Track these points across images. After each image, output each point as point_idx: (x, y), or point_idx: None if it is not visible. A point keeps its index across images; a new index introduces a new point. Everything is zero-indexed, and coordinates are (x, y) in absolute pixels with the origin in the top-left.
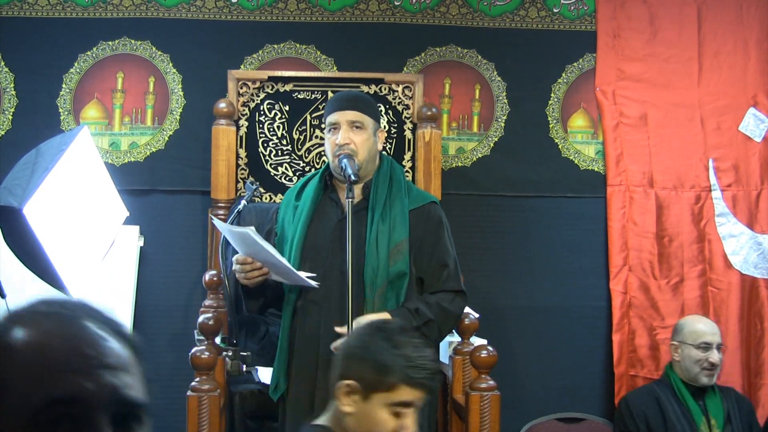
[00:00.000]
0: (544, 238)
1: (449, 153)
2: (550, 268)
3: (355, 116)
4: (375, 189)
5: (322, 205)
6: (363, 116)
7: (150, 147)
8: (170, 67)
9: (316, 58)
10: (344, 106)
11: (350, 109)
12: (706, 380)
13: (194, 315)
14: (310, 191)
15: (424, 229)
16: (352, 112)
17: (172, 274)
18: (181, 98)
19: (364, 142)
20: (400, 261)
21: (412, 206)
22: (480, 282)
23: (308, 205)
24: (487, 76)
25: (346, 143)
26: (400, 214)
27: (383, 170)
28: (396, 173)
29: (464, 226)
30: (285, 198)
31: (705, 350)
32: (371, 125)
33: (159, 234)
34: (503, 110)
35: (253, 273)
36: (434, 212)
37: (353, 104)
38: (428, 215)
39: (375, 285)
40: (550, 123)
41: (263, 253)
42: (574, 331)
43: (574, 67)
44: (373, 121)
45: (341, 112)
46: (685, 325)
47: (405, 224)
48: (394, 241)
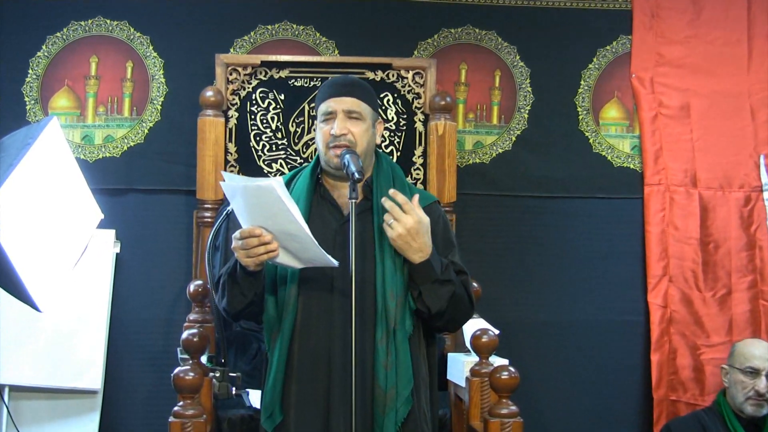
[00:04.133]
0: (572, 244)
1: (465, 148)
2: (579, 279)
3: (353, 104)
4: (377, 188)
5: (316, 207)
6: (362, 104)
7: (127, 141)
8: (150, 50)
9: (315, 41)
10: (341, 92)
11: (348, 95)
12: (752, 410)
13: (177, 330)
14: (300, 192)
15: (433, 230)
16: (350, 99)
17: (153, 284)
18: (162, 86)
19: (363, 133)
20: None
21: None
22: (499, 294)
23: (303, 206)
24: (509, 61)
25: (342, 134)
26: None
27: (383, 167)
28: (396, 171)
29: (481, 230)
30: None
31: (752, 376)
32: (370, 115)
33: (137, 239)
34: (526, 99)
35: (258, 249)
36: (439, 213)
37: (351, 90)
38: (434, 217)
39: (395, 293)
40: (580, 114)
41: (281, 219)
42: (606, 350)
43: (607, 51)
44: (373, 111)
45: (338, 99)
46: (737, 347)
47: None
48: None
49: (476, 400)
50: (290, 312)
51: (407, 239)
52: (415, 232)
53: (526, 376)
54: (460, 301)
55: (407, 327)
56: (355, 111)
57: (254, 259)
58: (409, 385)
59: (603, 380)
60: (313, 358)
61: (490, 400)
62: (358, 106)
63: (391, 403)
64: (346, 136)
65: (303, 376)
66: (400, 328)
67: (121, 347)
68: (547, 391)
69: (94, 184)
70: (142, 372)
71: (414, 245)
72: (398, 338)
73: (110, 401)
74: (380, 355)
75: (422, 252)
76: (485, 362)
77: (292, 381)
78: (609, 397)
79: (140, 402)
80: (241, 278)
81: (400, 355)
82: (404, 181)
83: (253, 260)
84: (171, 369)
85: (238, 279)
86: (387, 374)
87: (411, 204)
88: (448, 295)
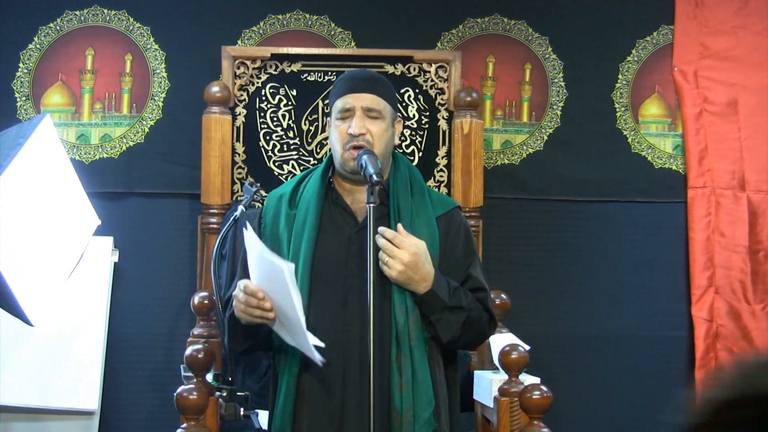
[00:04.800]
0: (608, 252)
1: (493, 148)
2: (617, 290)
3: (373, 101)
4: (395, 192)
5: (327, 214)
6: (381, 101)
7: (126, 140)
8: (151, 42)
9: (330, 32)
10: (360, 87)
11: (367, 91)
12: None
13: (180, 346)
14: (311, 196)
15: (453, 240)
16: (369, 96)
17: (154, 295)
18: (164, 81)
19: (382, 133)
20: None
21: (437, 212)
22: (529, 306)
23: (313, 213)
24: (540, 54)
25: (361, 133)
26: (427, 223)
27: (401, 169)
28: (415, 173)
29: (510, 237)
30: (269, 204)
31: None
32: (389, 113)
33: (137, 247)
34: (559, 95)
35: (255, 311)
36: (460, 220)
37: (371, 86)
38: (455, 224)
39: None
40: (618, 111)
41: (283, 298)
42: (646, 368)
43: (647, 42)
44: (392, 109)
45: (356, 95)
46: None
47: (435, 235)
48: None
49: (505, 421)
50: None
51: (408, 274)
52: (413, 265)
53: (559, 396)
54: (476, 324)
55: (425, 345)
56: (375, 109)
57: (248, 318)
58: (430, 406)
59: (642, 400)
60: (326, 378)
61: (520, 422)
62: (377, 103)
63: (408, 426)
64: (364, 136)
65: (314, 397)
66: (417, 346)
67: (120, 364)
68: (581, 413)
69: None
70: (142, 391)
71: (416, 277)
72: (416, 357)
73: (108, 423)
74: (395, 376)
75: (426, 282)
76: (515, 380)
77: (303, 403)
78: (650, 420)
79: (140, 423)
80: (244, 322)
81: (418, 375)
82: (422, 185)
83: (246, 318)
84: (174, 388)
85: (240, 322)
86: (402, 395)
87: (401, 236)
88: (460, 322)
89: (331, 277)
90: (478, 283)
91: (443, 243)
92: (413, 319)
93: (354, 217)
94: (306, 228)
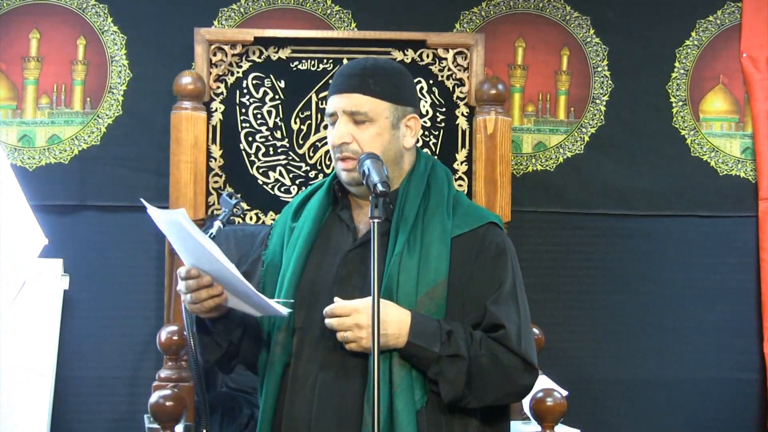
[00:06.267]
0: (662, 277)
1: (523, 151)
2: (673, 323)
3: (358, 103)
4: (402, 203)
5: (327, 228)
6: (372, 101)
7: (79, 142)
8: (109, 23)
9: (325, 11)
10: (344, 86)
11: (352, 90)
12: None
13: (145, 392)
14: (312, 208)
15: (477, 265)
16: (355, 96)
17: (113, 330)
18: (125, 70)
19: (372, 139)
20: (434, 312)
21: (458, 230)
22: (567, 343)
23: (308, 226)
24: (580, 37)
25: (343, 142)
26: (438, 242)
27: (417, 174)
28: (437, 178)
29: (543, 260)
30: (281, 216)
31: None
32: (387, 112)
33: (92, 271)
34: (603, 87)
35: (200, 294)
36: (492, 239)
37: (358, 83)
38: (484, 244)
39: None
40: (674, 106)
41: (210, 262)
42: (709, 416)
43: (710, 23)
44: (393, 106)
45: (340, 96)
46: None
47: (445, 257)
48: (425, 283)
49: None
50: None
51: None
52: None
53: None
54: (493, 373)
55: (417, 397)
56: (359, 112)
57: (199, 306)
58: None
59: None
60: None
61: None
62: (364, 104)
63: None
64: (348, 146)
65: None
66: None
67: (71, 415)
68: None
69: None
70: None
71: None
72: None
73: None
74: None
75: (400, 333)
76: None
77: None
78: None
79: None
80: (211, 325)
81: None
82: (444, 194)
83: (198, 307)
84: None
85: (207, 325)
86: None
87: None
88: (461, 374)
89: (318, 299)
90: (495, 318)
91: (459, 269)
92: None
93: (354, 234)
94: (298, 245)
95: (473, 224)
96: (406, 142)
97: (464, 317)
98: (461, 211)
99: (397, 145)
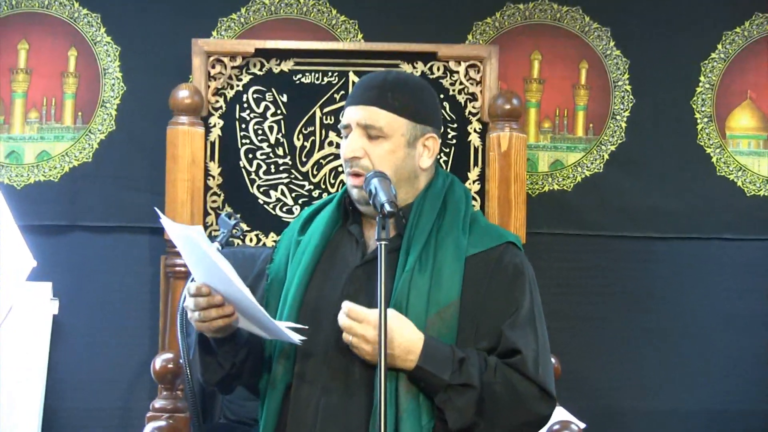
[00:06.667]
0: (687, 304)
1: (539, 169)
2: (699, 352)
3: (372, 116)
4: (415, 220)
5: (335, 243)
6: (388, 116)
7: (70, 159)
8: (102, 33)
9: (330, 21)
10: (360, 97)
11: (368, 102)
12: None
13: (139, 423)
14: (321, 221)
15: (489, 285)
16: (370, 109)
17: (104, 358)
18: (118, 83)
19: (385, 156)
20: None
21: (474, 249)
22: (586, 372)
23: (316, 240)
24: (600, 49)
25: (354, 156)
26: (451, 260)
27: (433, 191)
28: (454, 195)
29: (560, 285)
30: (288, 230)
31: None
32: (404, 129)
33: (83, 295)
34: (624, 102)
35: (209, 312)
36: (510, 259)
37: (375, 95)
38: (501, 264)
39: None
40: (699, 122)
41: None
42: None
43: (737, 35)
44: (411, 123)
45: (355, 108)
46: None
47: (458, 277)
48: (436, 303)
49: None
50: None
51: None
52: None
53: None
54: (506, 403)
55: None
56: (373, 126)
57: (208, 325)
58: None
59: None
60: None
61: None
62: (378, 118)
63: None
64: (359, 161)
65: None
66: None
67: None
68: None
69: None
70: None
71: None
72: None
73: None
74: None
75: (411, 355)
76: None
77: None
78: None
79: None
80: (215, 344)
81: None
82: (460, 212)
83: (206, 326)
84: None
85: (211, 345)
86: None
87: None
88: (471, 403)
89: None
90: (511, 343)
91: (472, 290)
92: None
93: (364, 249)
94: (303, 259)
95: (490, 243)
96: (422, 162)
97: (478, 341)
98: (478, 230)
99: (411, 164)
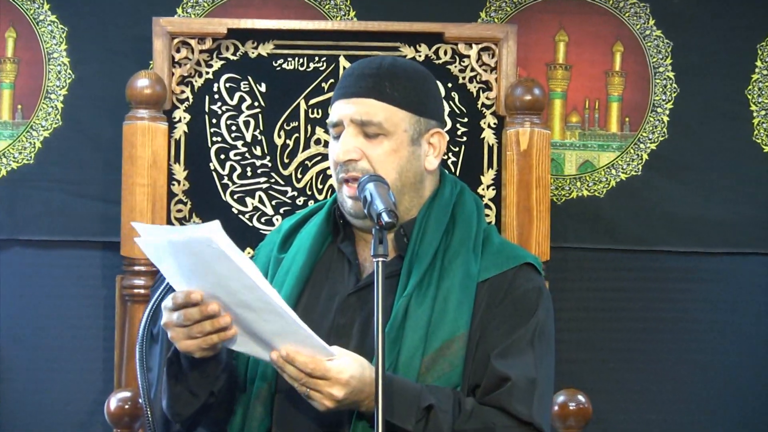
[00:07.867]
0: (740, 328)
1: (565, 172)
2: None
3: (368, 110)
4: (419, 237)
5: (324, 263)
6: (386, 109)
7: (8, 160)
8: (46, 11)
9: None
10: (353, 88)
11: (362, 94)
12: None
13: None
14: (307, 236)
15: (502, 314)
16: (365, 102)
17: (49, 396)
18: (65, 70)
19: (386, 156)
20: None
21: (486, 274)
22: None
23: (301, 260)
24: (637, 29)
25: (350, 159)
26: (459, 288)
27: (440, 202)
28: (464, 208)
29: (591, 309)
30: (264, 244)
31: None
32: (406, 124)
33: (24, 322)
34: (667, 92)
35: (203, 326)
36: (522, 282)
37: (371, 85)
38: (509, 288)
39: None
40: (756, 116)
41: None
42: None
43: None
44: (414, 117)
45: (347, 102)
46: None
47: (467, 307)
48: (439, 337)
49: None
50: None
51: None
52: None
53: None
54: None
55: None
56: (371, 122)
57: (199, 342)
58: None
59: None
60: None
61: None
62: (377, 113)
63: None
64: (356, 163)
65: None
66: None
67: None
68: None
69: None
70: None
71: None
72: None
73: None
74: None
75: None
76: None
77: None
78: None
79: None
80: (188, 368)
81: None
82: (473, 226)
83: (197, 343)
84: None
85: (183, 370)
86: None
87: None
88: None
89: None
90: (499, 372)
91: (482, 319)
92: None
93: (358, 273)
94: (286, 283)
95: (504, 266)
96: (428, 163)
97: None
98: (491, 250)
99: (416, 165)
